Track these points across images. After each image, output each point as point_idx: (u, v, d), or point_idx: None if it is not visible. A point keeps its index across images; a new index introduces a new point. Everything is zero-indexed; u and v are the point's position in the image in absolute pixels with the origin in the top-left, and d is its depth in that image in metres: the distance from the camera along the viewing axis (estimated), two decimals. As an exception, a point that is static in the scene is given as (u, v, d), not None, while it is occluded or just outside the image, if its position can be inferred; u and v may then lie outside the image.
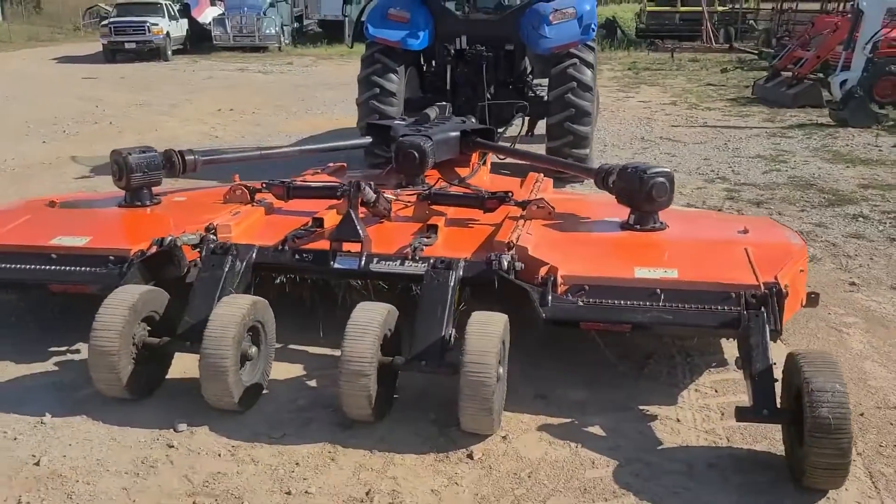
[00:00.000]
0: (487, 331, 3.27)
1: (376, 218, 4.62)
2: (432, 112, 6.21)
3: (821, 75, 14.32)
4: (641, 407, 3.67)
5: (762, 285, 3.53)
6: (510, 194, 4.66)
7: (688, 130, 11.49)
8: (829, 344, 4.34)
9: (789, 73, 14.67)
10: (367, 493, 2.99)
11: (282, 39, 27.90)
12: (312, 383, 3.86)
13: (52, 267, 4.04)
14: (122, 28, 23.68)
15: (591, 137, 7.81)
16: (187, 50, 26.68)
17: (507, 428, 3.43)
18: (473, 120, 6.94)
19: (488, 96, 7.85)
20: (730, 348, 4.13)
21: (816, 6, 26.22)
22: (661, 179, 4.23)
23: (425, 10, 7.86)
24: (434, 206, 4.72)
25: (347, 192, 4.28)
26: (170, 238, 4.02)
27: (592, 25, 7.57)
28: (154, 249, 4.00)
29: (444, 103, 6.55)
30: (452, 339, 3.50)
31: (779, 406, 3.16)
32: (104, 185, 7.34)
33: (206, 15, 28.76)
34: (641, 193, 4.23)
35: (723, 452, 3.30)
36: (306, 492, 3.00)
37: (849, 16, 14.28)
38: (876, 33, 12.04)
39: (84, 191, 7.46)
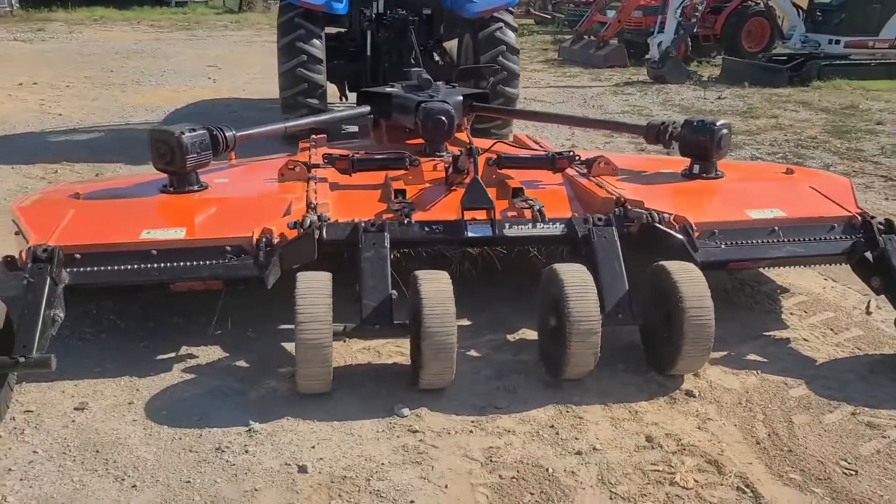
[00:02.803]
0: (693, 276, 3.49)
1: (448, 186, 4.57)
2: (414, 77, 6.11)
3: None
4: (766, 334, 4.12)
5: (857, 215, 4.12)
6: (574, 154, 4.85)
7: (539, 91, 12.23)
8: None
9: (593, 37, 16.05)
10: (647, 439, 3.13)
11: (12, 3, 25.23)
12: (473, 353, 3.83)
13: (168, 264, 3.55)
14: None
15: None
16: None
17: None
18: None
19: (413, 61, 7.81)
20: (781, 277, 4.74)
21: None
22: (726, 131, 4.67)
23: None
24: (502, 171, 4.76)
25: (454, 161, 4.21)
26: (308, 220, 3.71)
27: (514, -10, 7.84)
28: (296, 233, 3.68)
29: (418, 69, 6.45)
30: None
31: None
32: None
33: None
34: (711, 144, 4.63)
35: (872, 359, 3.84)
36: (594, 448, 3.06)
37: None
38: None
39: None
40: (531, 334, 3.98)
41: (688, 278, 3.47)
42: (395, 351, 3.80)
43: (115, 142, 8.24)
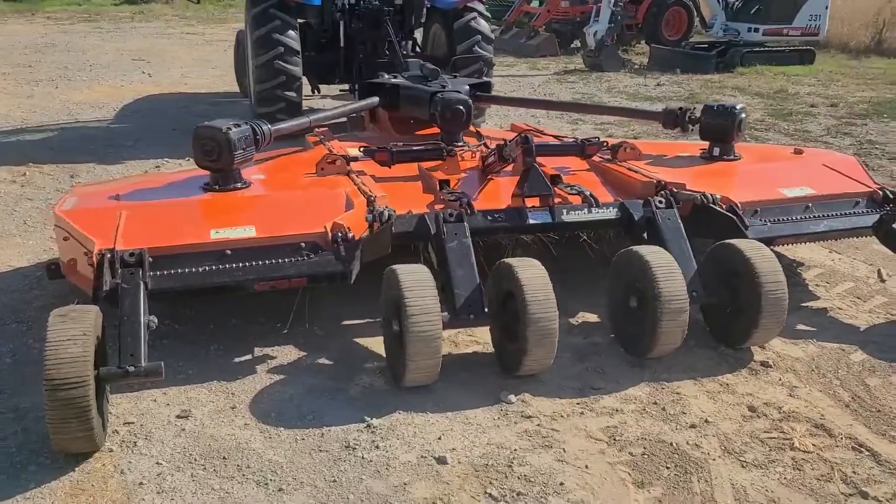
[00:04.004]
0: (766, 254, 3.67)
1: (484, 174, 4.62)
2: (413, 67, 6.09)
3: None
4: (803, 305, 4.36)
5: (878, 190, 4.43)
6: (601, 140, 4.97)
7: (485, 80, 12.31)
8: None
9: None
10: (750, 409, 3.28)
11: None
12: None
13: (249, 264, 3.45)
14: None
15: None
16: None
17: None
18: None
19: (388, 52, 7.78)
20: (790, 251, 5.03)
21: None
22: (745, 115, 4.91)
23: None
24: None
25: (508, 148, 4.25)
26: (387, 213, 3.68)
27: (486, -20, 7.91)
28: (376, 227, 3.64)
29: (415, 59, 6.43)
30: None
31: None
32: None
33: None
34: (733, 127, 4.85)
35: (906, 323, 4.16)
36: (706, 421, 3.19)
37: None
38: (618, -11, 13.95)
39: None
40: (591, 317, 4.09)
41: (760, 255, 3.65)
42: (469, 340, 3.83)
43: (74, 142, 7.80)
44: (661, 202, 4.04)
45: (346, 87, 8.44)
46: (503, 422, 3.16)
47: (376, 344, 3.75)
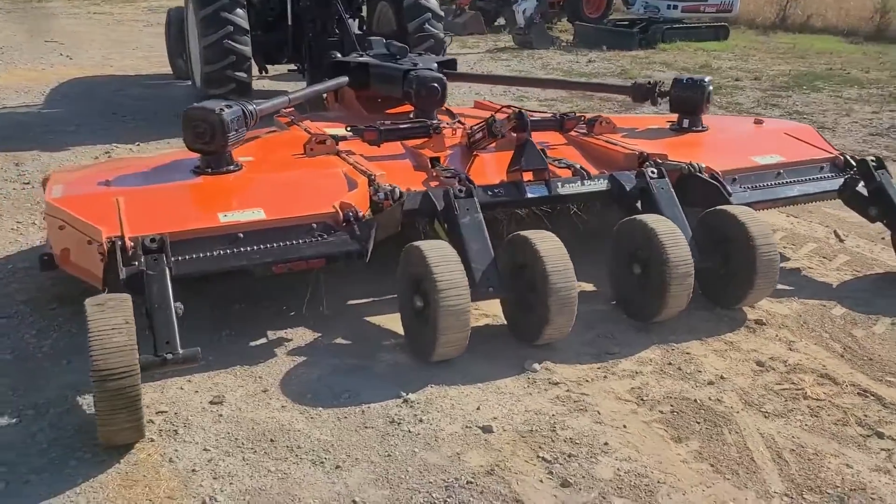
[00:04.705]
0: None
1: (469, 150, 4.67)
2: (377, 46, 6.05)
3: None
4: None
5: (839, 155, 4.73)
6: (577, 114, 5.09)
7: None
8: None
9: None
10: (758, 364, 3.48)
11: None
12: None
13: (265, 246, 3.41)
14: None
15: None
16: None
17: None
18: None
19: (337, 31, 7.69)
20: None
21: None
22: (711, 87, 5.12)
23: None
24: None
25: (499, 124, 4.30)
26: (398, 190, 3.69)
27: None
28: (387, 205, 3.64)
29: (378, 37, 6.37)
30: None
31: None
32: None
33: None
34: (702, 99, 5.06)
35: (873, 279, 4.45)
36: (721, 377, 3.36)
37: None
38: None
39: None
40: (587, 286, 4.21)
41: (752, 219, 3.85)
42: (478, 314, 3.88)
43: (8, 129, 7.40)
44: (653, 173, 4.19)
45: (295, 66, 8.29)
46: (533, 389, 3.25)
47: (387, 321, 3.78)
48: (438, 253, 3.31)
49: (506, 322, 3.74)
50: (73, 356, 3.41)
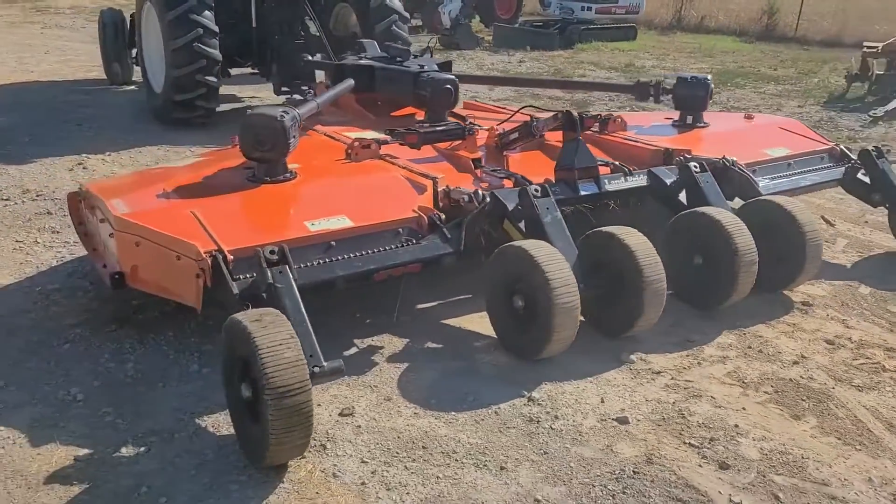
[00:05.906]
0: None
1: (499, 151, 4.75)
2: (371, 48, 5.99)
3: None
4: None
5: (835, 146, 5.11)
6: (594, 114, 5.24)
7: (353, 61, 12.18)
8: None
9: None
10: (828, 343, 3.72)
11: None
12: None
13: (363, 253, 3.36)
14: None
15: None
16: None
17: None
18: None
19: (303, 32, 7.55)
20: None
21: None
22: (713, 85, 5.40)
23: None
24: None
25: (550, 123, 4.40)
26: (480, 193, 3.70)
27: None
28: (471, 208, 3.65)
29: (369, 40, 6.29)
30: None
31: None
32: None
33: None
34: (705, 97, 5.32)
35: (879, 257, 4.83)
36: (802, 356, 3.58)
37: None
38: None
39: None
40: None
41: (799, 209, 4.11)
42: (548, 310, 3.95)
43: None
44: (696, 167, 4.38)
45: (257, 70, 8.06)
46: (641, 380, 3.36)
47: (465, 322, 3.82)
48: (545, 252, 3.35)
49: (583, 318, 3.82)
50: (164, 380, 3.25)
